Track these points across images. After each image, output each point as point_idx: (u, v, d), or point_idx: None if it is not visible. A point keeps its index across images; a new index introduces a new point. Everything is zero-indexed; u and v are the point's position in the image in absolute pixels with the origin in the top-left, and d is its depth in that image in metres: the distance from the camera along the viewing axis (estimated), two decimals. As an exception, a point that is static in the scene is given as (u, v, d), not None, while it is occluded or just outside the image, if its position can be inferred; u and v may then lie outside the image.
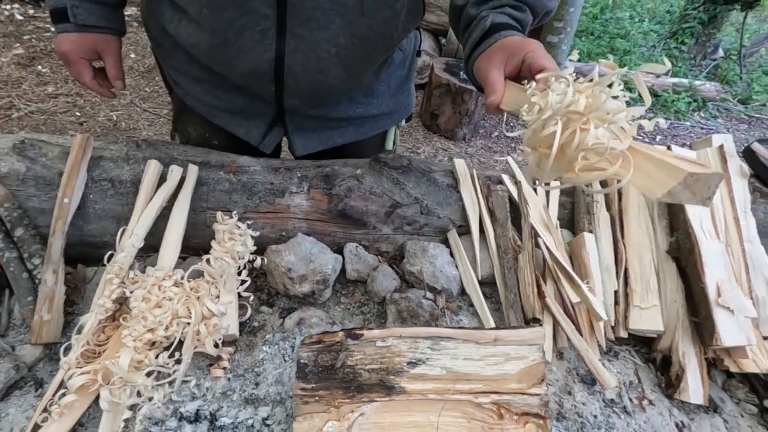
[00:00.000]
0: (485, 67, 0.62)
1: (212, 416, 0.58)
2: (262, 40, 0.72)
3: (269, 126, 0.91)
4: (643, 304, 0.80)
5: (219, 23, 0.72)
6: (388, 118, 1.03)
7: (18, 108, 1.95)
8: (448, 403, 0.56)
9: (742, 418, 0.76)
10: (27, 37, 2.48)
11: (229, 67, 0.80)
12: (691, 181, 0.39)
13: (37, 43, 2.47)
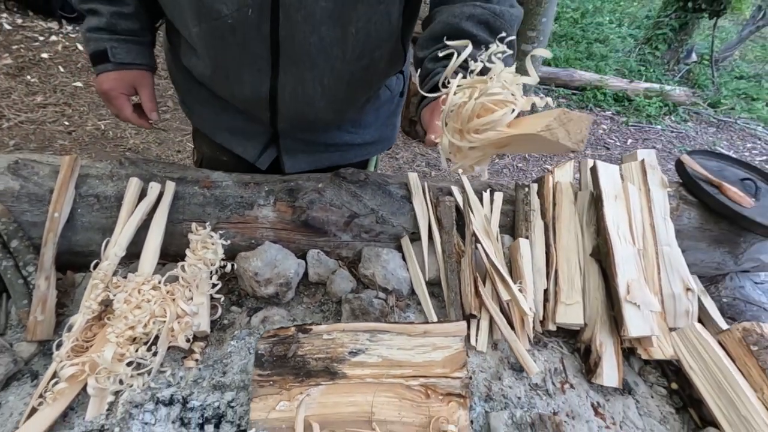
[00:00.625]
0: (428, 116, 0.73)
1: (184, 400, 0.68)
2: (258, 74, 0.84)
3: (264, 146, 1.03)
4: (568, 301, 0.91)
5: (223, 61, 0.84)
6: (372, 147, 1.15)
7: (8, 118, 2.03)
8: (383, 386, 0.67)
9: (652, 399, 0.88)
10: (16, 47, 2.55)
11: (230, 94, 0.92)
12: (565, 120, 0.46)
13: (26, 53, 2.54)
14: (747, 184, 1.21)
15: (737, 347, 0.86)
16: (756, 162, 3.53)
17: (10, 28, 2.72)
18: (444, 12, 0.75)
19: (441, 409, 0.67)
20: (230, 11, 0.74)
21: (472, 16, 0.71)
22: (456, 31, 0.71)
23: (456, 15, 0.72)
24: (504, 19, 0.73)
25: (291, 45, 0.78)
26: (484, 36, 0.71)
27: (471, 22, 0.71)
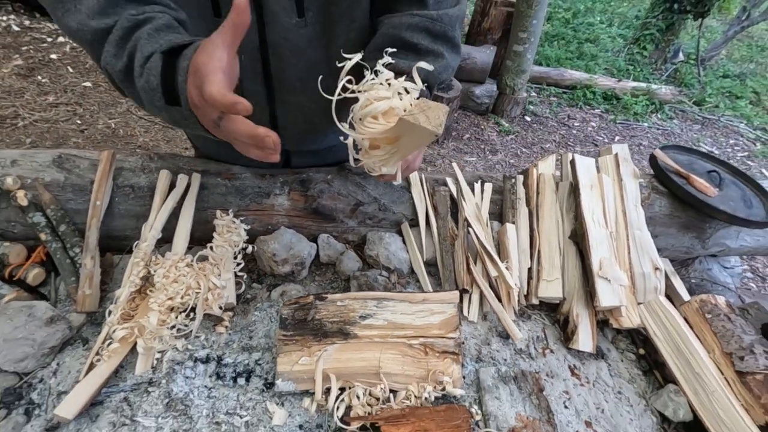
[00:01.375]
0: None
1: (219, 358, 0.80)
2: (257, 108, 0.88)
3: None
4: (549, 278, 1.04)
5: None
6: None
7: (23, 117, 2.12)
8: (388, 345, 0.79)
9: (622, 363, 1.01)
10: (25, 48, 2.63)
11: None
12: (425, 107, 0.53)
13: (35, 53, 2.62)
14: (712, 176, 1.34)
15: (694, 316, 0.98)
16: (737, 157, 3.69)
17: (19, 29, 2.79)
18: (385, 24, 0.78)
19: (438, 364, 0.79)
20: None
21: (410, 26, 0.75)
22: (397, 42, 0.75)
23: (395, 26, 0.76)
24: (443, 21, 0.76)
25: (282, 76, 0.84)
26: (425, 43, 0.75)
27: (410, 31, 0.75)
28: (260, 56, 0.81)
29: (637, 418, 0.90)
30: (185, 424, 0.71)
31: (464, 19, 0.87)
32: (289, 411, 0.74)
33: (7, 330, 0.77)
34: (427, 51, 0.76)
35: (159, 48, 0.58)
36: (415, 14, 0.76)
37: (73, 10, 0.60)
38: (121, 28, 0.61)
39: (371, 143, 0.64)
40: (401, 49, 0.75)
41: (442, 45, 0.78)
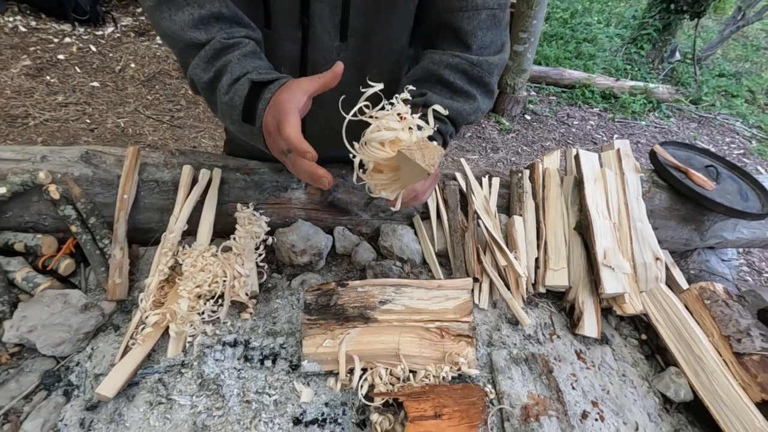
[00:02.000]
0: None
1: (246, 342, 0.84)
2: None
3: None
4: (555, 267, 1.08)
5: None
6: None
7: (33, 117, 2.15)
8: (406, 328, 0.83)
9: (625, 348, 1.05)
10: (33, 49, 2.66)
11: None
12: (423, 146, 0.58)
13: (42, 54, 2.65)
14: (710, 170, 1.39)
15: (694, 302, 1.03)
16: (733, 155, 3.75)
17: (26, 30, 2.82)
18: (427, 58, 0.82)
19: (453, 347, 0.83)
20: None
21: (450, 65, 0.79)
22: (435, 77, 0.79)
23: (436, 63, 0.80)
24: (481, 67, 0.79)
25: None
26: (460, 83, 0.79)
27: (448, 70, 0.78)
28: (299, 70, 0.85)
29: (641, 398, 0.94)
30: (218, 401, 0.75)
31: (503, 67, 0.88)
32: (315, 390, 0.78)
33: (45, 316, 0.81)
34: (461, 91, 0.79)
35: (249, 75, 0.69)
36: (457, 55, 0.79)
37: (168, 19, 0.69)
38: (212, 48, 0.70)
39: (375, 166, 0.67)
40: (437, 84, 0.79)
41: (477, 88, 0.81)
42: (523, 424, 0.77)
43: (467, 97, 0.81)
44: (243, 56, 0.71)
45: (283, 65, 0.84)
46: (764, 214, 1.29)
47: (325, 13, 0.76)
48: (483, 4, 0.75)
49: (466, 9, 0.76)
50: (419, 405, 0.72)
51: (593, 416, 0.87)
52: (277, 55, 0.83)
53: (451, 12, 0.77)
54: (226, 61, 0.70)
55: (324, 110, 0.92)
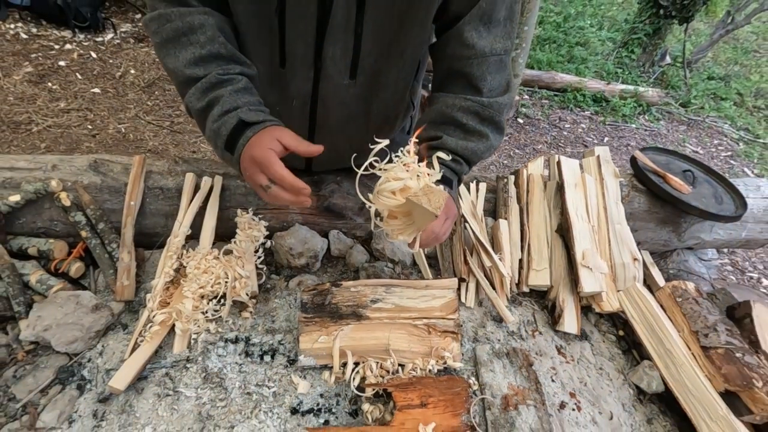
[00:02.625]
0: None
1: (246, 339, 0.90)
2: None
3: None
4: (538, 267, 1.15)
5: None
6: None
7: (36, 123, 2.20)
8: (396, 325, 0.90)
9: (603, 343, 1.12)
10: (34, 56, 2.71)
11: None
12: (428, 191, 0.65)
13: (44, 61, 2.70)
14: (687, 175, 1.46)
15: (667, 300, 1.10)
16: (721, 157, 3.84)
17: (27, 37, 2.87)
18: (440, 101, 0.88)
19: (439, 342, 0.90)
20: (277, 101, 0.90)
21: (462, 108, 0.84)
22: (448, 119, 0.85)
23: (449, 106, 0.85)
24: (492, 108, 0.85)
25: (325, 122, 0.95)
26: (472, 124, 0.85)
27: (461, 112, 0.84)
28: (310, 104, 0.91)
29: (616, 390, 1.01)
30: (221, 393, 0.81)
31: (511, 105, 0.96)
32: (311, 382, 0.84)
33: (59, 316, 0.87)
34: (474, 131, 0.85)
35: (239, 111, 0.77)
36: (468, 98, 0.84)
37: (173, 56, 0.78)
38: (208, 81, 0.77)
39: (390, 213, 0.75)
40: (451, 125, 0.85)
41: (488, 127, 0.86)
42: (503, 412, 0.83)
43: (480, 136, 0.87)
44: (235, 91, 0.78)
45: (295, 99, 0.90)
46: (737, 216, 1.36)
47: (337, 55, 0.81)
48: (491, 51, 0.81)
49: (475, 57, 0.81)
50: (407, 395, 0.79)
51: (571, 406, 0.94)
52: (290, 90, 0.88)
53: (461, 60, 0.83)
54: (218, 94, 0.77)
55: (332, 137, 0.98)
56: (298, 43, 0.80)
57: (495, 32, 0.80)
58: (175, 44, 0.77)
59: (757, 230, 1.53)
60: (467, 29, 0.79)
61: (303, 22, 0.77)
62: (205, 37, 0.76)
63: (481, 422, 0.83)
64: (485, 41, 0.80)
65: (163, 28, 0.77)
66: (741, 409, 0.90)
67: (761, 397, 0.87)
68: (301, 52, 0.82)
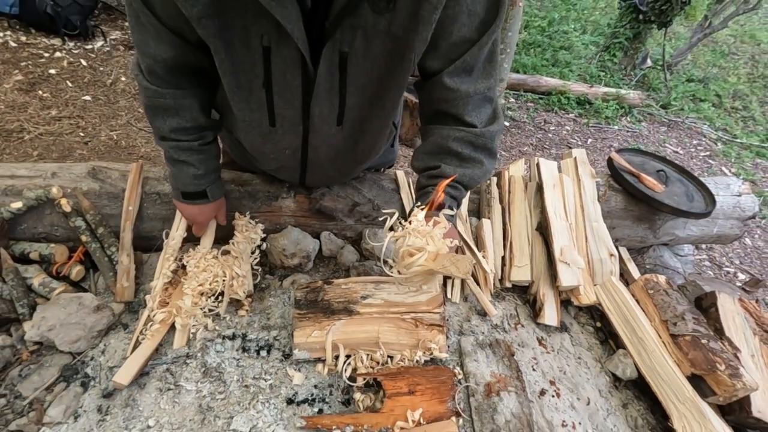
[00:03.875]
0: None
1: (243, 336, 0.95)
2: (293, 173, 1.07)
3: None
4: (519, 264, 1.21)
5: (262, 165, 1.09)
6: (375, 168, 1.37)
7: (28, 131, 2.22)
8: (385, 319, 0.95)
9: (582, 334, 1.19)
10: (24, 64, 2.72)
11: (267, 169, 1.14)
12: (455, 260, 0.75)
13: (34, 69, 2.71)
14: (660, 174, 1.55)
15: (640, 292, 1.17)
16: (700, 156, 3.96)
17: (16, 45, 2.88)
18: (435, 133, 0.93)
19: (426, 334, 0.95)
20: (271, 151, 0.97)
21: (457, 138, 0.89)
22: (445, 150, 0.90)
23: (444, 137, 0.90)
24: (485, 137, 0.90)
25: (316, 161, 1.01)
26: (467, 152, 0.90)
27: (456, 142, 0.89)
28: (301, 151, 0.97)
29: (594, 377, 1.08)
30: (220, 386, 0.86)
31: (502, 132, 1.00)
32: (305, 374, 0.89)
33: (62, 316, 0.91)
34: (468, 158, 0.91)
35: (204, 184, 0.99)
36: (462, 129, 0.89)
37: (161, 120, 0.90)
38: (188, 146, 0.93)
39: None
40: (447, 155, 0.91)
41: (482, 154, 0.92)
42: (486, 398, 0.89)
43: (475, 162, 0.92)
44: (206, 159, 0.97)
45: (287, 149, 0.96)
46: (707, 213, 1.45)
47: (324, 113, 0.86)
48: (474, 92, 0.85)
49: (460, 98, 0.86)
50: (395, 383, 0.84)
51: (550, 393, 1.00)
52: (282, 144, 0.94)
53: (447, 101, 0.87)
54: (190, 160, 0.94)
55: (323, 170, 1.07)
56: (287, 108, 0.85)
57: (476, 76, 0.84)
58: (167, 113, 0.88)
59: (727, 226, 1.62)
60: (448, 79, 0.83)
61: (289, 92, 0.81)
62: (190, 114, 0.89)
63: (466, 408, 0.89)
64: (467, 85, 0.84)
65: (156, 100, 0.86)
66: (706, 391, 0.97)
67: (724, 379, 0.94)
68: (290, 114, 0.86)
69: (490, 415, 0.87)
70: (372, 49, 0.75)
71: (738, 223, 1.63)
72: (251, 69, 0.77)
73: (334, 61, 0.76)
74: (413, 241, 0.78)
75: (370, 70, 0.79)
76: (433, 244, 0.78)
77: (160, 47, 0.78)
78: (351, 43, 0.73)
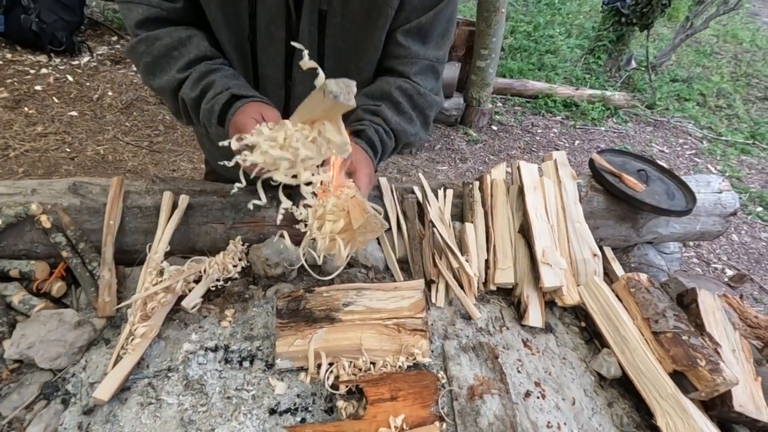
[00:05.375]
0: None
1: (226, 347, 0.95)
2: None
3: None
4: (503, 266, 1.22)
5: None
6: None
7: (13, 148, 2.21)
8: (368, 326, 0.95)
9: (567, 335, 1.19)
10: (9, 81, 2.72)
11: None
12: (365, 226, 0.73)
13: (20, 86, 2.71)
14: (641, 174, 1.57)
15: (622, 290, 1.18)
16: (686, 155, 4.02)
17: (2, 62, 2.88)
18: (382, 79, 0.95)
19: (409, 340, 0.96)
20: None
21: (400, 87, 0.91)
22: (386, 95, 0.91)
23: (389, 83, 0.92)
24: (426, 99, 0.93)
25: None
26: (405, 105, 0.91)
27: (398, 92, 0.92)
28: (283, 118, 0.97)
29: (579, 377, 1.08)
30: (202, 399, 0.86)
31: (439, 109, 1.03)
32: (288, 384, 0.89)
33: (42, 333, 0.90)
34: (405, 112, 0.92)
35: (230, 90, 0.86)
36: (408, 81, 0.91)
37: (165, 70, 0.86)
38: (199, 72, 0.87)
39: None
40: (388, 101, 0.92)
41: (418, 116, 0.94)
42: (469, 401, 0.89)
43: (410, 119, 0.94)
44: (225, 77, 0.87)
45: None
46: (688, 210, 1.47)
47: (306, 73, 0.88)
48: (424, 56, 0.89)
49: (409, 56, 0.89)
50: (377, 389, 0.84)
51: (536, 394, 1.00)
52: None
53: (397, 58, 0.90)
54: (210, 80, 0.86)
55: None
56: (269, 66, 0.87)
57: (428, 43, 0.88)
58: (168, 59, 0.85)
59: (709, 223, 1.64)
60: (402, 36, 0.86)
61: (272, 48, 0.84)
62: (193, 45, 0.85)
63: (449, 412, 0.89)
64: (418, 47, 0.87)
65: (153, 47, 0.83)
66: (688, 387, 0.97)
67: (704, 374, 0.95)
68: (273, 74, 0.88)
69: (473, 418, 0.87)
70: (350, 7, 0.78)
71: (720, 219, 1.65)
72: (237, 22, 0.80)
73: (313, 19, 0.78)
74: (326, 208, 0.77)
75: (347, 30, 0.81)
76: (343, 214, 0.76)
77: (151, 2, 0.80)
78: (329, 1, 0.76)
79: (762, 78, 5.91)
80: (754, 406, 0.97)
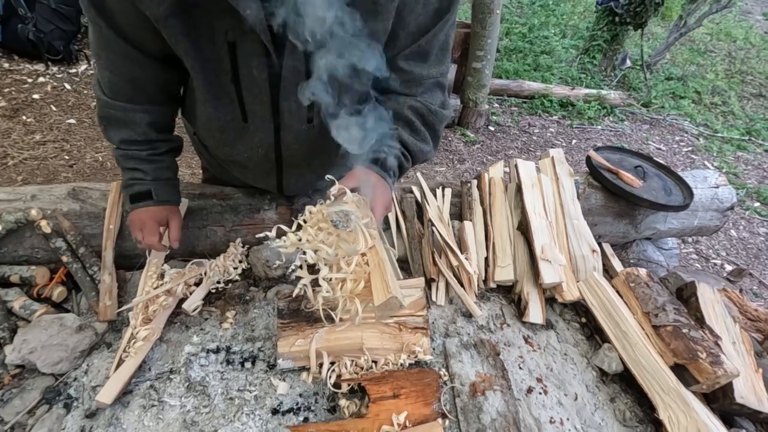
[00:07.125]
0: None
1: (227, 348, 0.95)
2: (268, 177, 1.08)
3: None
4: (502, 264, 1.23)
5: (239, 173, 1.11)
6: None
7: (12, 156, 2.21)
8: (368, 325, 0.95)
9: (568, 331, 1.20)
10: (7, 90, 2.72)
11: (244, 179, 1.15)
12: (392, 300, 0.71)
13: (17, 95, 2.71)
14: (638, 170, 1.58)
15: (622, 286, 1.18)
16: (683, 152, 4.04)
17: (-1, 72, 2.90)
18: (392, 100, 0.94)
19: (410, 338, 0.96)
20: (245, 150, 0.98)
21: (412, 107, 0.92)
22: (399, 116, 0.92)
23: (400, 103, 0.92)
24: (436, 116, 0.93)
25: (290, 159, 1.01)
26: (418, 123, 0.92)
27: (410, 111, 0.92)
28: (274, 149, 0.98)
29: (580, 373, 1.08)
30: (204, 401, 0.86)
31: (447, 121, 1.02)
32: (290, 384, 0.89)
33: (44, 338, 0.90)
34: (418, 130, 0.93)
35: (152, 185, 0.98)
36: (418, 100, 0.92)
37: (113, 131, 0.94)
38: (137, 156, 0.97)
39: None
40: (401, 121, 0.92)
41: (429, 133, 0.94)
42: (471, 398, 0.89)
43: (424, 138, 0.94)
44: (157, 169, 0.99)
45: (260, 148, 0.97)
46: (685, 205, 1.47)
47: (293, 108, 0.88)
48: (428, 75, 0.89)
49: (413, 80, 0.89)
50: (380, 387, 0.84)
51: (537, 390, 1.01)
52: (255, 141, 0.95)
53: (401, 82, 0.90)
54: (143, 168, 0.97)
55: (298, 170, 1.07)
56: (256, 103, 0.86)
57: (430, 62, 0.88)
58: (118, 125, 0.92)
59: (707, 218, 1.65)
60: (403, 61, 0.86)
61: (257, 87, 0.83)
62: (140, 129, 0.93)
63: (452, 409, 0.89)
64: (421, 69, 0.87)
65: (107, 111, 0.90)
66: (689, 380, 0.98)
67: (705, 367, 0.95)
68: (260, 110, 0.88)
69: (476, 415, 0.87)
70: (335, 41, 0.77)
71: (717, 214, 1.66)
72: (219, 65, 0.79)
73: (298, 56, 0.78)
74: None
75: (333, 79, 0.80)
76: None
77: (116, 61, 0.81)
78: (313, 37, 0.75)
79: (756, 75, 5.94)
80: (755, 398, 0.97)
